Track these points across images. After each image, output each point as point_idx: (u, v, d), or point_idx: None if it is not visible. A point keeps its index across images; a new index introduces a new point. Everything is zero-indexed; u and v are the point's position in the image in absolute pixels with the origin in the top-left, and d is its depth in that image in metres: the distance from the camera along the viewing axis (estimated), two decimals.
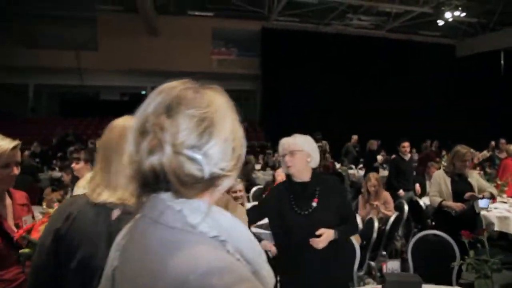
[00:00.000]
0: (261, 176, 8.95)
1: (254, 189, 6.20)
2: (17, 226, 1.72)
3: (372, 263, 3.64)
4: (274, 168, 10.47)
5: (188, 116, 0.68)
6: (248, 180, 8.77)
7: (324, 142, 6.98)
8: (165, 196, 0.68)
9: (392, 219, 3.78)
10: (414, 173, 7.38)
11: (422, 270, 2.84)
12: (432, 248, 2.88)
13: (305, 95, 16.36)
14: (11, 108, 19.10)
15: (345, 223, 2.17)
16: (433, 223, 4.18)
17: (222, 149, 0.69)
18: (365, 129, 12.13)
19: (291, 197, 2.19)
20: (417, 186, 5.87)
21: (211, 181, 0.69)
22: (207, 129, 0.68)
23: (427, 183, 5.96)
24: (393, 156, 6.16)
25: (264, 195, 5.15)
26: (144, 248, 0.68)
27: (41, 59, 17.19)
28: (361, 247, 3.49)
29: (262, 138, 17.94)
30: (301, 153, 2.16)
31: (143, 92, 20.95)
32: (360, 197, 4.53)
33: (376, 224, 3.52)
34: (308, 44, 16.64)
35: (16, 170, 1.66)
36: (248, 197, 6.70)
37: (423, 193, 5.87)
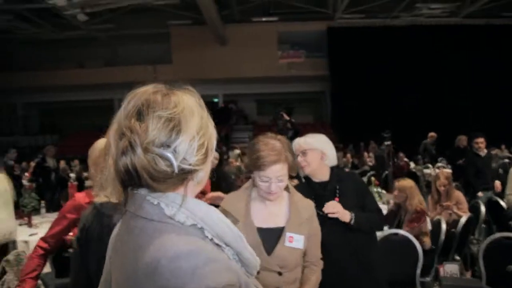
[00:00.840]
0: None
1: None
2: None
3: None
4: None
5: (156, 118, 0.73)
6: None
7: (388, 142, 6.61)
8: (143, 191, 0.74)
9: (463, 220, 3.45)
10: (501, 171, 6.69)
11: (495, 277, 2.58)
12: (510, 253, 2.59)
13: (375, 93, 15.72)
14: (100, 123, 20.99)
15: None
16: None
17: (190, 146, 0.73)
18: (441, 127, 11.30)
19: (312, 198, 2.11)
20: (497, 183, 5.23)
21: (183, 175, 0.73)
22: (174, 128, 0.73)
23: None
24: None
25: None
26: (127, 240, 0.75)
27: (122, 75, 18.76)
28: (430, 251, 3.26)
29: (333, 140, 17.45)
30: (314, 152, 2.08)
31: (216, 100, 21.76)
32: (429, 197, 4.21)
33: (444, 226, 3.25)
34: (376, 40, 15.97)
35: None
36: None
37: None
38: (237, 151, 12.56)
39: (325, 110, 20.70)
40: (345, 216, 1.95)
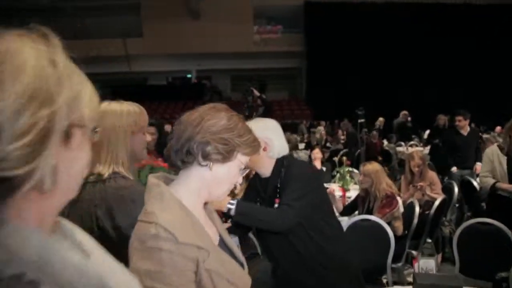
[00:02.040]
0: (304, 156, 8.59)
1: None
2: None
3: (414, 253, 3.24)
4: (316, 146, 10.11)
5: None
6: None
7: (362, 120, 6.45)
8: None
9: (437, 202, 3.31)
10: None
11: (469, 265, 2.44)
12: (483, 239, 2.45)
13: (352, 71, 15.55)
14: None
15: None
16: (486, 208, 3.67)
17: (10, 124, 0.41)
18: (418, 106, 11.29)
19: (257, 199, 1.83)
20: (478, 165, 5.09)
21: None
22: None
23: None
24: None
25: None
26: None
27: (91, 49, 17.89)
28: (402, 236, 3.12)
29: (308, 116, 17.48)
30: None
31: (189, 76, 21.20)
32: (402, 177, 4.07)
33: (417, 209, 3.10)
34: (354, 16, 15.70)
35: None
36: None
37: None
38: None
39: (301, 86, 20.50)
40: (221, 205, 1.54)
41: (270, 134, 1.75)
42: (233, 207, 1.54)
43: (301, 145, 11.15)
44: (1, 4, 16.88)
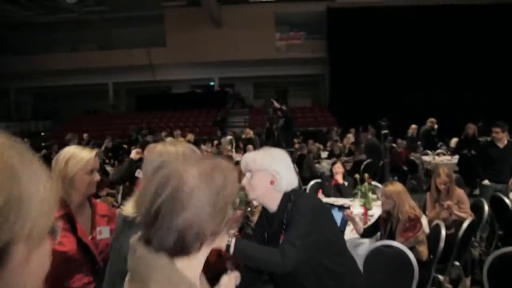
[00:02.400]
0: (326, 166, 8.43)
1: (312, 182, 5.68)
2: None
3: (441, 277, 3.07)
4: (339, 157, 9.89)
5: None
6: (310, 171, 8.36)
7: (386, 131, 6.24)
8: None
9: (465, 225, 3.12)
10: None
11: None
12: None
13: (375, 77, 15.25)
14: (96, 107, 20.79)
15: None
16: None
17: None
18: (443, 114, 10.88)
19: (264, 234, 1.74)
20: None
21: None
22: None
23: None
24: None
25: (318, 194, 4.75)
26: None
27: (116, 59, 18.35)
28: (427, 261, 2.95)
29: (331, 124, 17.24)
30: (261, 174, 1.65)
31: (212, 83, 21.37)
32: (428, 195, 3.87)
33: (443, 232, 2.92)
34: (377, 21, 15.40)
35: (98, 176, 1.80)
36: (304, 191, 6.32)
37: None
38: (229, 137, 12.25)
39: (324, 93, 20.29)
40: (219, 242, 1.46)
41: (277, 167, 1.66)
42: (232, 243, 1.46)
43: (324, 154, 10.99)
44: (31, 17, 17.58)
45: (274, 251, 1.50)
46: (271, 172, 1.64)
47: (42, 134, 17.48)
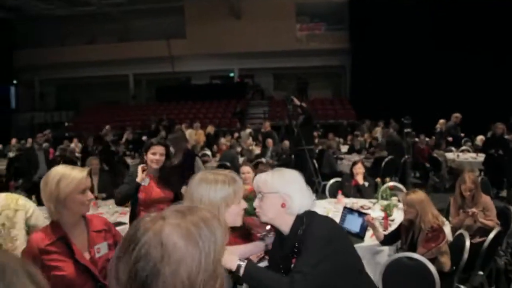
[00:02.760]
0: (346, 163, 8.30)
1: (331, 181, 5.58)
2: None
3: (463, 287, 2.98)
4: (360, 152, 9.75)
5: None
6: (330, 167, 8.26)
7: (408, 130, 6.06)
8: None
9: (491, 236, 3.01)
10: None
11: None
12: None
13: (398, 69, 14.84)
14: (116, 98, 21.13)
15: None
16: None
17: None
18: (467, 109, 10.50)
19: (278, 255, 1.68)
20: None
21: None
22: None
23: None
24: None
25: (338, 195, 4.67)
26: None
27: (137, 50, 18.52)
28: (449, 272, 2.86)
29: (352, 117, 17.01)
30: (272, 196, 1.60)
31: (231, 74, 21.32)
32: (451, 200, 3.74)
33: (467, 243, 2.82)
34: (400, 11, 14.91)
35: (91, 195, 1.77)
36: (324, 189, 6.23)
37: None
38: (248, 130, 12.22)
39: (345, 85, 19.98)
40: (229, 262, 1.43)
41: (289, 190, 1.61)
42: (242, 266, 1.43)
43: (344, 148, 10.85)
44: (51, 12, 17.89)
45: (284, 280, 1.45)
46: (282, 195, 1.59)
47: (66, 124, 17.90)
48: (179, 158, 4.55)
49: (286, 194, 1.60)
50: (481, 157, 7.73)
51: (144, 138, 11.40)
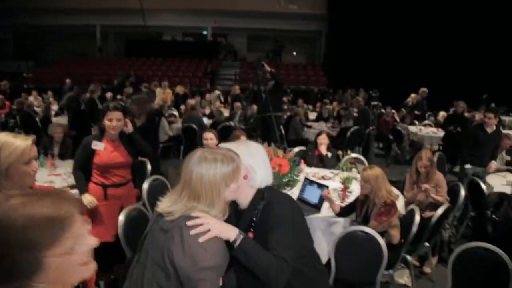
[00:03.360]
0: (313, 131, 8.38)
1: (296, 149, 5.64)
2: None
3: (409, 257, 3.15)
4: (327, 120, 9.85)
5: None
6: (296, 134, 8.33)
7: (375, 103, 6.14)
8: None
9: (440, 211, 3.16)
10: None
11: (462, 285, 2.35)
12: (483, 264, 2.31)
13: (373, 40, 14.81)
14: (82, 50, 20.07)
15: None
16: (493, 216, 3.51)
17: None
18: (437, 83, 10.72)
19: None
20: (492, 163, 4.85)
21: None
22: None
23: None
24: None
25: (300, 163, 4.73)
26: None
27: (106, 0, 17.49)
28: (398, 245, 3.00)
29: (323, 84, 17.06)
30: None
31: (205, 33, 20.67)
32: (407, 176, 3.88)
33: (417, 218, 2.94)
34: None
35: (37, 165, 1.67)
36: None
37: None
38: (217, 92, 12.04)
39: (319, 52, 19.87)
40: (228, 231, 1.40)
41: (253, 162, 1.59)
42: (240, 238, 1.41)
43: (312, 115, 10.92)
44: None
45: (272, 261, 1.42)
46: (245, 167, 1.57)
47: (24, 75, 16.91)
48: (142, 120, 4.43)
49: (249, 166, 1.58)
50: (441, 132, 8.01)
51: (108, 94, 10.98)
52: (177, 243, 1.30)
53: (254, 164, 1.59)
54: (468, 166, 4.97)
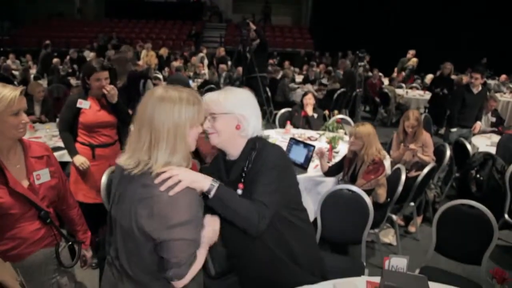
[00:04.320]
0: (300, 93, 8.27)
1: (282, 111, 5.56)
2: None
3: (394, 217, 3.17)
4: (313, 83, 9.75)
5: None
6: (284, 96, 8.23)
7: (363, 63, 6.02)
8: None
9: (426, 170, 3.16)
10: None
11: (449, 246, 2.37)
12: (467, 221, 2.32)
13: (360, 1, 14.45)
14: (60, 10, 19.10)
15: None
16: (478, 175, 3.53)
17: None
18: (426, 46, 10.57)
19: (224, 182, 1.51)
20: (477, 124, 4.89)
21: None
22: None
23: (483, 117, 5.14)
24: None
25: (286, 125, 4.67)
26: None
27: None
28: (384, 204, 3.01)
29: (310, 46, 16.77)
30: (227, 117, 1.47)
31: None
32: (394, 135, 3.86)
33: (403, 177, 2.94)
34: None
35: (26, 117, 1.57)
36: (274, 118, 6.24)
37: None
38: (201, 54, 11.70)
39: (306, 14, 19.36)
40: (201, 181, 1.27)
41: (245, 111, 1.49)
42: (214, 187, 1.30)
43: (299, 78, 10.79)
44: None
45: (252, 208, 1.36)
46: (237, 116, 1.48)
47: (0, 37, 16.15)
48: (123, 81, 4.25)
49: (241, 115, 1.48)
50: (428, 95, 8.00)
51: (91, 54, 10.60)
52: (144, 205, 1.16)
53: (245, 113, 1.49)
54: (454, 129, 5.00)
